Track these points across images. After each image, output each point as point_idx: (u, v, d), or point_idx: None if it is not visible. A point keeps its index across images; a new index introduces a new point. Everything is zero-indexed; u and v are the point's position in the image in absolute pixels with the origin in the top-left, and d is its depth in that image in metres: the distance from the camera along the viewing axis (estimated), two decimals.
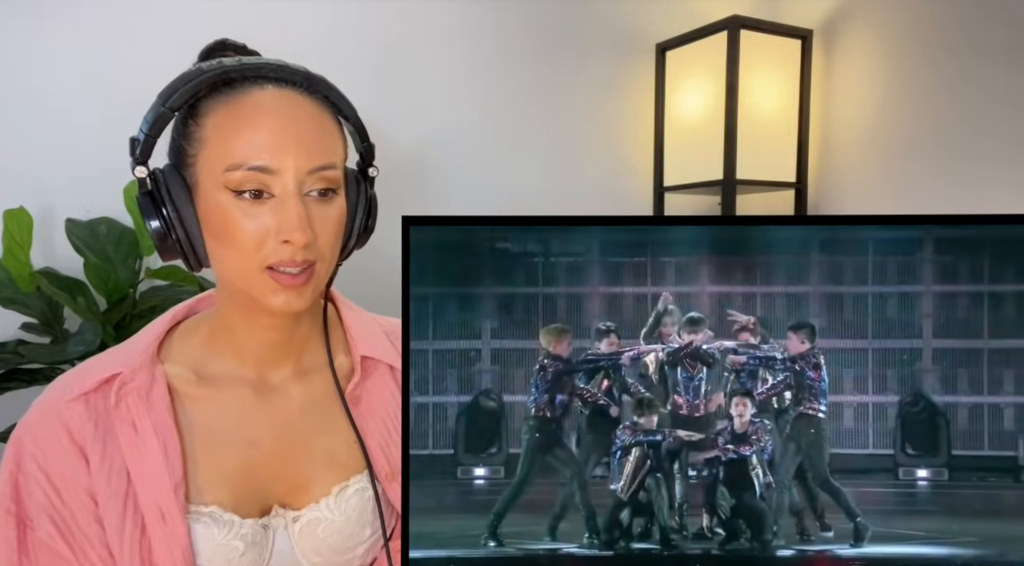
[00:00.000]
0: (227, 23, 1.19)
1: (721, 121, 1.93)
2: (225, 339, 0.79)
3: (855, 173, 2.02)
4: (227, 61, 0.71)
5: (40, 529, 0.72)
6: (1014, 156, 1.66)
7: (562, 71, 2.03)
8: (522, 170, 2.00)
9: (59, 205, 1.48)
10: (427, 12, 1.84)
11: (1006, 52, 1.67)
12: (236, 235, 0.69)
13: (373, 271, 1.26)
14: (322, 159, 0.71)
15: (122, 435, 0.73)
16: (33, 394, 0.80)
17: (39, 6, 1.45)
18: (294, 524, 0.78)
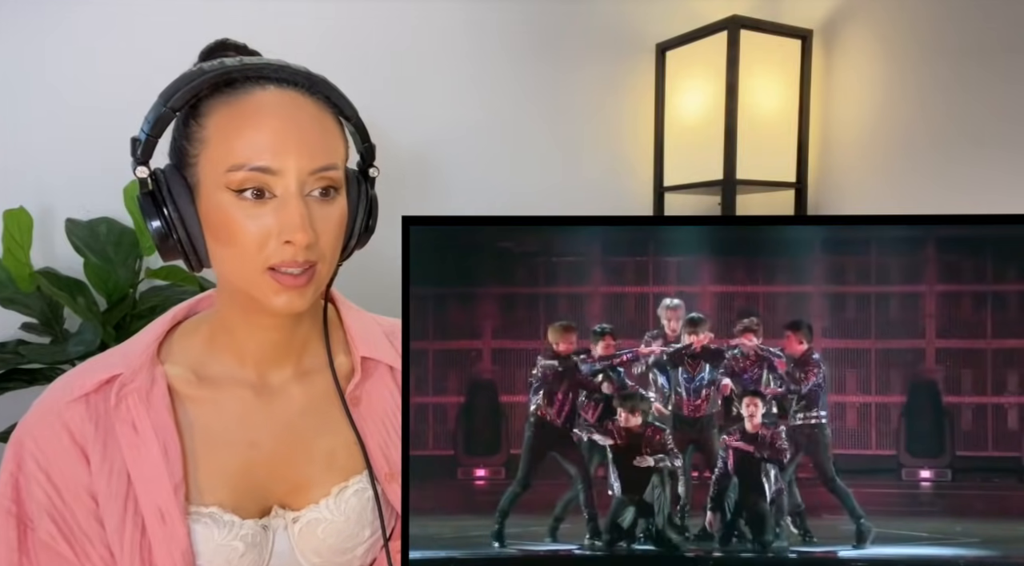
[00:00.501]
0: (227, 23, 1.19)
1: (721, 121, 1.93)
2: (225, 340, 0.79)
3: (855, 173, 2.02)
4: (229, 61, 0.70)
5: (41, 529, 0.72)
6: (1014, 156, 1.66)
7: (562, 71, 2.03)
8: (522, 170, 2.00)
9: (59, 205, 1.47)
10: (427, 12, 1.83)
11: (1006, 52, 1.67)
12: (237, 236, 0.69)
13: (373, 271, 1.26)
14: (324, 160, 0.70)
15: (122, 436, 0.73)
16: (33, 394, 0.80)
17: (39, 6, 1.45)
18: (294, 525, 0.78)
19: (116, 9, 1.51)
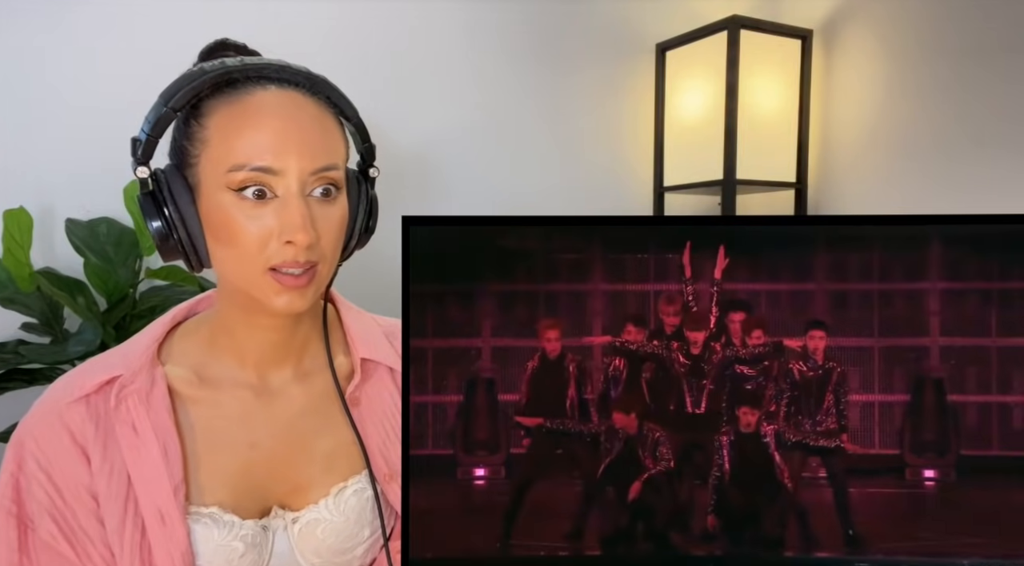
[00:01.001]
0: (227, 23, 1.20)
1: (721, 121, 1.93)
2: (225, 340, 0.79)
3: (855, 173, 2.02)
4: (229, 61, 0.70)
5: (41, 529, 0.72)
6: (1014, 156, 1.66)
7: (562, 71, 2.03)
8: (522, 170, 2.00)
9: (59, 205, 1.47)
10: (427, 12, 1.83)
11: (1005, 52, 1.67)
12: (238, 236, 0.69)
13: (373, 271, 1.26)
14: (324, 160, 0.70)
15: (122, 437, 0.73)
16: (33, 394, 0.80)
17: (39, 6, 1.45)
18: (293, 525, 0.78)
19: (116, 9, 1.51)
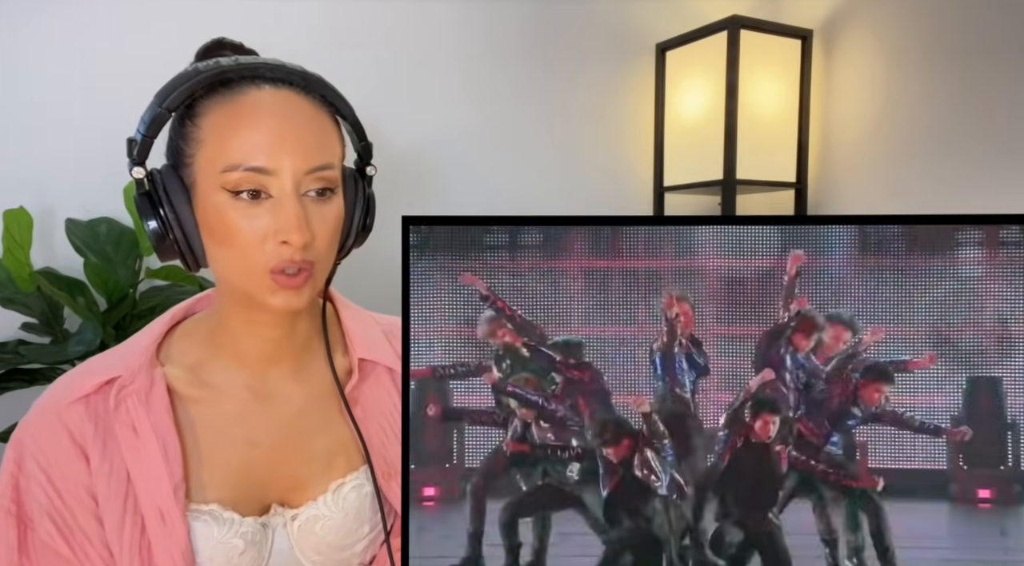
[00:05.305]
0: (225, 23, 1.19)
1: (721, 121, 1.93)
2: (224, 339, 0.79)
3: (855, 173, 2.02)
4: (224, 61, 0.70)
5: (41, 529, 0.72)
6: (1014, 156, 1.66)
7: (562, 71, 2.03)
8: (522, 170, 2.00)
9: (59, 205, 1.48)
10: (426, 11, 1.83)
11: (1005, 52, 1.67)
12: (234, 236, 0.69)
13: (373, 271, 1.27)
14: (320, 159, 0.70)
15: (122, 437, 0.73)
16: (33, 394, 0.81)
17: (38, 6, 1.45)
18: (292, 522, 0.78)
19: (115, 9, 1.51)
